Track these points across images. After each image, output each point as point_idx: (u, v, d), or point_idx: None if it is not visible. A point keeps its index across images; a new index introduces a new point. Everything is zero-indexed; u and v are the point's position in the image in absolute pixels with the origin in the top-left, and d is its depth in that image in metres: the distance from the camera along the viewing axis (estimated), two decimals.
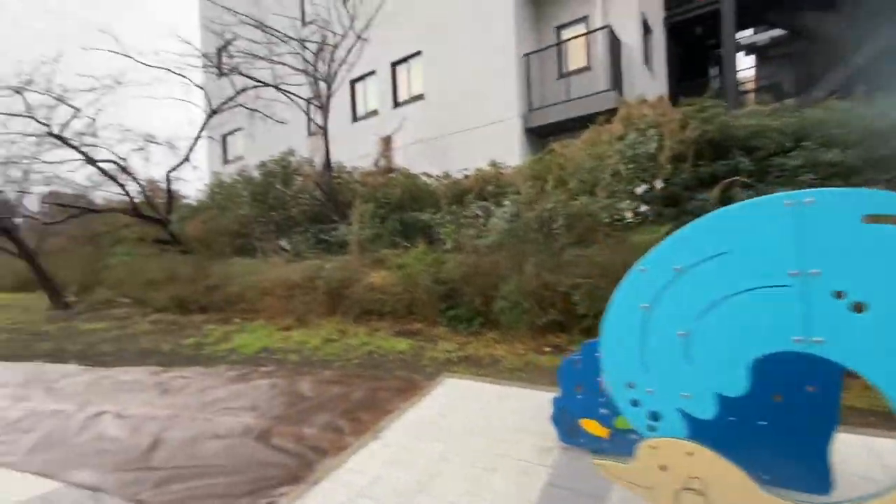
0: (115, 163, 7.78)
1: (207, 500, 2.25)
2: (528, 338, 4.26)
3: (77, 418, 3.40)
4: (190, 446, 2.81)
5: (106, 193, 10.10)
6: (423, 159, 8.72)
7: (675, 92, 8.92)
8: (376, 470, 2.35)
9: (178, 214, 8.81)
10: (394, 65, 10.66)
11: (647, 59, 9.44)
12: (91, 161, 7.45)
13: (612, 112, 6.59)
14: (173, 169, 8.23)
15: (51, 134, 6.93)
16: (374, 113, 11.03)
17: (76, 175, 8.81)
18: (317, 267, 6.22)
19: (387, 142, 7.62)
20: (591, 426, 2.41)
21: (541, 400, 3.12)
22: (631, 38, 8.45)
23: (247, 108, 8.14)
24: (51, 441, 3.06)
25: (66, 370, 4.70)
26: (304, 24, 10.10)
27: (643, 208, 4.79)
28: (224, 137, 15.28)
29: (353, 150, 9.98)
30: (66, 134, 7.16)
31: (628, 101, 6.17)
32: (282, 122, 9.02)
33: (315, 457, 2.61)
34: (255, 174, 9.52)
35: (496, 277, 4.46)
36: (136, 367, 4.65)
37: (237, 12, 7.69)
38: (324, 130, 7.39)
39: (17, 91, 6.70)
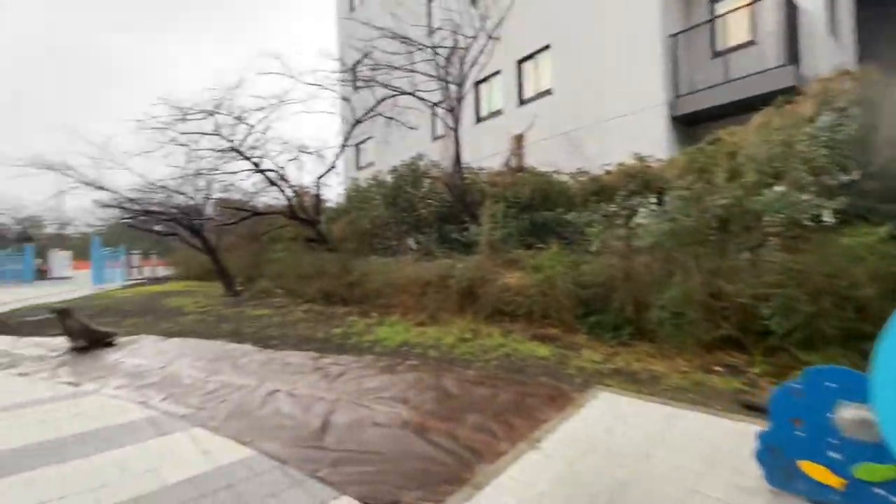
0: (275, 171, 8.98)
1: (378, 485, 2.32)
2: (692, 354, 3.73)
3: (258, 393, 3.87)
4: (355, 431, 2.98)
5: (265, 198, 11.78)
6: (552, 156, 8.41)
7: (867, 62, 7.21)
8: (543, 485, 2.20)
9: (324, 216, 9.82)
10: (520, 62, 10.50)
11: (833, 26, 7.80)
12: (260, 170, 8.71)
13: (787, 91, 5.56)
14: (322, 175, 9.23)
15: (233, 149, 8.29)
16: (498, 113, 10.99)
17: (244, 183, 10.31)
18: (448, 266, 6.34)
19: (518, 140, 7.48)
20: (816, 471, 1.95)
21: (724, 428, 2.67)
22: (812, 1, 7.05)
23: (385, 117, 8.73)
24: (241, 411, 3.52)
25: (244, 350, 5.46)
26: (430, 32, 10.50)
27: (843, 204, 3.89)
28: (357, 145, 16.71)
29: (477, 151, 10.06)
30: (242, 148, 8.49)
31: (820, 76, 5.11)
32: (413, 128, 9.48)
33: (471, 457, 2.56)
34: (387, 178, 10.18)
35: (651, 283, 4.00)
36: (298, 352, 5.20)
37: (375, 26, 8.26)
38: (454, 132, 7.55)
39: (210, 113, 8.16)
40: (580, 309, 4.82)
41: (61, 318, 5.85)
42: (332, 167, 9.21)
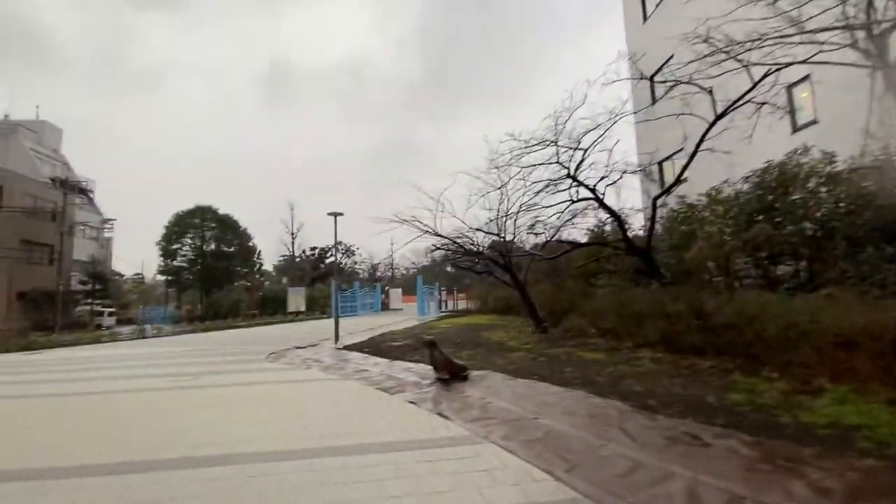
0: (598, 196, 7.99)
1: None
2: None
3: (712, 497, 2.52)
4: None
5: (568, 230, 11.09)
6: None
7: None
8: None
9: (665, 244, 8.16)
10: None
11: None
12: (594, 197, 7.83)
13: None
14: (660, 195, 7.67)
15: (569, 176, 7.75)
16: None
17: (551, 218, 9.76)
18: None
19: None
20: None
21: None
22: None
23: (755, 104, 6.56)
24: None
25: (619, 409, 4.30)
26: None
27: None
28: (660, 164, 14.53)
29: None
30: (575, 174, 7.85)
31: None
32: (788, 112, 6.91)
33: None
34: (734, 189, 7.81)
35: None
36: (706, 426, 3.66)
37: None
38: None
39: (552, 143, 7.87)
40: None
41: (430, 349, 6.21)
42: (678, 181, 7.55)
